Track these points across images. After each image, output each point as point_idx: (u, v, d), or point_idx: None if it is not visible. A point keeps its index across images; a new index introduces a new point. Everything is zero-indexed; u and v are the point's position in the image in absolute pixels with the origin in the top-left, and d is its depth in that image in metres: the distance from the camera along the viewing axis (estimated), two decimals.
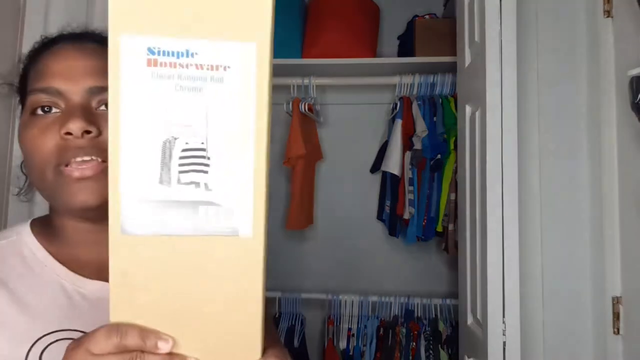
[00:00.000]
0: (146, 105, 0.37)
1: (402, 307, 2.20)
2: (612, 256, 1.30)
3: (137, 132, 0.37)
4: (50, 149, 0.56)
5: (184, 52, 0.37)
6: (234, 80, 0.37)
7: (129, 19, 0.37)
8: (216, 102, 0.38)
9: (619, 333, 1.26)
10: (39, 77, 0.59)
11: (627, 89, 1.13)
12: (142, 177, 0.37)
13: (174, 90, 0.37)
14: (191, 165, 0.38)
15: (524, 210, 1.35)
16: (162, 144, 0.37)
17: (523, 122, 1.37)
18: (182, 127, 0.37)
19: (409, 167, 2.12)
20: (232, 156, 0.38)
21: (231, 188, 0.38)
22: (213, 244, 0.39)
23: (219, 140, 0.38)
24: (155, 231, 0.38)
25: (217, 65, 0.37)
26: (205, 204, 0.38)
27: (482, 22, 1.31)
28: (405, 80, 2.15)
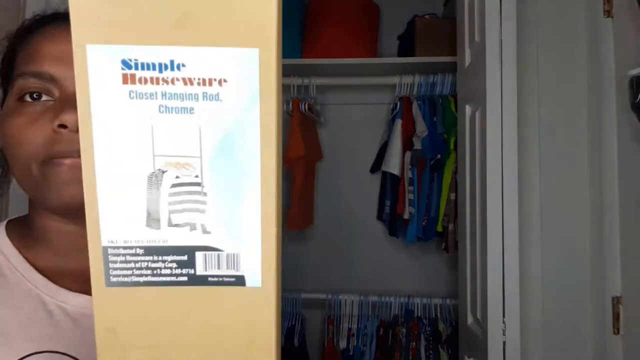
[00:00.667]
0: (124, 132, 0.30)
1: (402, 307, 2.20)
2: (612, 256, 1.30)
3: (115, 165, 0.30)
4: (40, 142, 0.48)
5: (167, 63, 0.29)
6: (233, 97, 0.30)
7: (96, 23, 0.28)
8: (211, 125, 0.30)
9: (619, 333, 1.26)
10: (29, 59, 0.51)
11: (627, 89, 1.13)
12: (125, 219, 0.31)
13: (157, 112, 0.30)
14: (184, 203, 0.31)
15: (524, 210, 1.35)
16: (148, 179, 0.30)
17: (523, 122, 1.37)
18: (170, 157, 0.30)
19: (409, 167, 2.12)
20: (234, 190, 0.31)
21: (234, 229, 0.31)
22: (214, 296, 0.32)
23: (217, 171, 0.30)
24: (145, 282, 0.32)
25: (210, 78, 0.30)
26: (203, 249, 0.32)
27: (482, 22, 1.32)
28: (405, 80, 2.15)
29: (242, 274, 0.32)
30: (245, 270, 0.32)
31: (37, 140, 0.48)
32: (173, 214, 0.31)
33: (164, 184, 0.30)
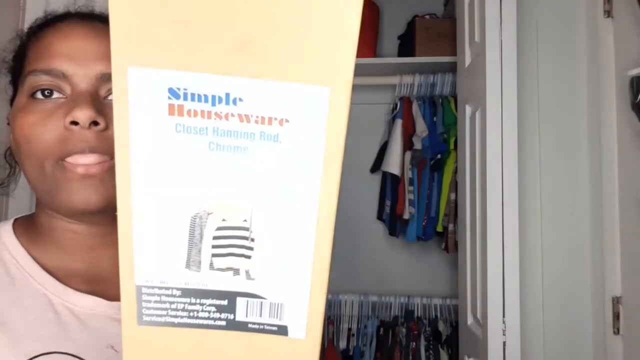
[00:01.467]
0: (168, 167, 0.27)
1: (402, 307, 2.20)
2: (612, 256, 1.30)
3: (156, 204, 0.28)
4: (52, 139, 0.47)
5: (222, 96, 0.25)
6: (295, 139, 0.27)
7: (141, 43, 0.25)
8: (267, 168, 0.27)
9: (619, 333, 1.26)
10: (41, 56, 0.50)
11: (627, 89, 1.13)
12: (163, 259, 0.29)
13: (207, 149, 0.27)
14: (229, 247, 0.29)
15: (524, 210, 1.35)
16: (191, 219, 0.28)
17: (523, 122, 1.37)
18: (218, 199, 0.28)
19: (409, 167, 2.12)
20: (285, 238, 0.29)
21: (281, 278, 0.29)
22: (253, 343, 0.30)
23: (268, 217, 0.28)
24: (180, 323, 0.30)
25: (270, 117, 0.26)
26: (245, 295, 0.30)
27: (482, 22, 1.32)
28: (405, 80, 2.15)
29: (285, 324, 0.30)
30: (289, 320, 0.30)
31: (49, 138, 0.47)
32: (216, 258, 0.29)
33: (209, 226, 0.28)
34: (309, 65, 0.25)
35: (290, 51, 0.25)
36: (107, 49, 0.46)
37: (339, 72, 0.26)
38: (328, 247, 0.30)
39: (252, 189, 0.27)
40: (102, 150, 0.48)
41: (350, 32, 0.25)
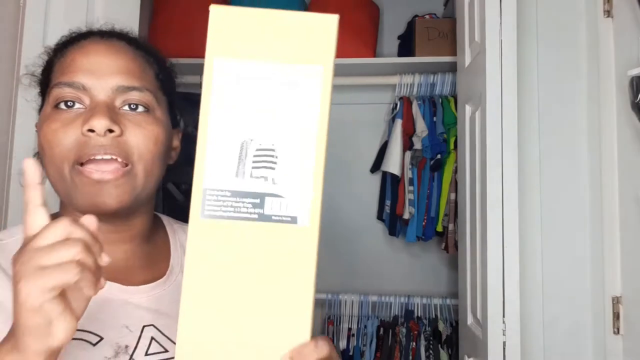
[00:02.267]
0: (230, 113, 0.44)
1: (402, 307, 2.20)
2: (612, 256, 1.30)
3: (221, 135, 0.44)
4: (70, 144, 0.54)
5: (264, 73, 0.44)
6: (303, 96, 0.45)
7: (222, 47, 0.45)
8: (286, 113, 0.44)
9: (619, 333, 1.26)
10: (65, 70, 0.58)
11: (627, 89, 1.13)
12: (222, 170, 0.44)
13: (253, 102, 0.44)
14: (262, 162, 0.44)
15: (524, 210, 1.35)
16: (241, 144, 0.44)
17: (523, 122, 1.37)
18: (256, 131, 0.44)
19: (409, 167, 2.12)
20: (296, 157, 0.44)
21: (293, 183, 0.44)
22: (274, 231, 0.44)
23: (286, 143, 0.44)
24: (229, 216, 0.44)
25: (290, 82, 0.44)
26: (271, 195, 0.44)
27: (482, 22, 1.31)
28: (405, 80, 2.15)
29: (296, 215, 0.45)
30: (298, 212, 0.45)
31: (68, 143, 0.54)
32: (254, 169, 0.44)
33: (251, 148, 0.44)
34: (311, 54, 0.45)
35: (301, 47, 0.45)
36: (122, 65, 0.58)
37: (327, 56, 0.45)
38: (322, 161, 0.45)
39: (278, 125, 0.44)
40: (116, 154, 0.55)
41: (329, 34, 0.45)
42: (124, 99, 0.58)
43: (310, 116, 0.45)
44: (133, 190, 0.57)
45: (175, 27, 2.17)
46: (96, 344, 0.54)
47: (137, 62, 0.61)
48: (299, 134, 0.44)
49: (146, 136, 0.58)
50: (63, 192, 0.57)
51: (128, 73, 0.58)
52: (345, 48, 2.13)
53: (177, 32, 2.17)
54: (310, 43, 0.45)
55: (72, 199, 0.56)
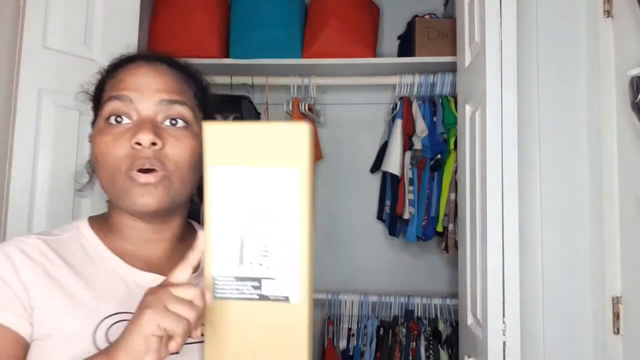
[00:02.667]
0: (228, 213, 0.54)
1: (402, 307, 2.20)
2: (612, 256, 1.30)
3: (222, 231, 0.54)
4: (122, 155, 0.64)
5: (251, 177, 0.53)
6: (285, 195, 0.53)
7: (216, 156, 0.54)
8: (274, 210, 0.53)
9: (619, 333, 1.26)
10: (115, 87, 0.68)
11: (627, 89, 1.13)
12: (226, 260, 0.54)
13: (243, 202, 0.54)
14: (257, 251, 0.54)
15: (524, 210, 1.35)
16: (240, 238, 0.54)
17: (523, 122, 1.37)
18: (251, 226, 0.54)
19: (409, 167, 2.12)
20: (285, 246, 0.54)
21: (284, 268, 0.54)
22: (271, 308, 0.54)
23: (276, 234, 0.54)
24: (237, 297, 0.55)
25: (271, 184, 0.53)
26: (267, 278, 0.54)
27: (482, 22, 1.31)
28: (405, 80, 2.15)
29: (288, 295, 0.54)
30: (289, 292, 0.54)
31: (120, 154, 0.64)
32: (252, 258, 0.54)
33: (248, 240, 0.54)
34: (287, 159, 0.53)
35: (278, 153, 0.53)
36: (165, 83, 0.69)
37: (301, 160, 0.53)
38: (307, 249, 0.53)
39: (269, 223, 0.54)
40: (157, 165, 0.64)
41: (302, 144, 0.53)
42: (166, 114, 0.67)
43: (293, 212, 0.53)
44: (170, 193, 0.66)
45: (175, 27, 2.17)
46: None
47: (177, 81, 0.70)
48: (285, 227, 0.53)
49: (183, 149, 0.67)
50: (114, 195, 0.67)
51: (170, 90, 0.68)
52: (345, 48, 2.13)
53: (177, 32, 2.17)
54: (287, 149, 0.53)
55: (122, 202, 0.66)
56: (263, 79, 2.22)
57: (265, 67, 2.21)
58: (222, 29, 2.22)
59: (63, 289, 0.64)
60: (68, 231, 0.71)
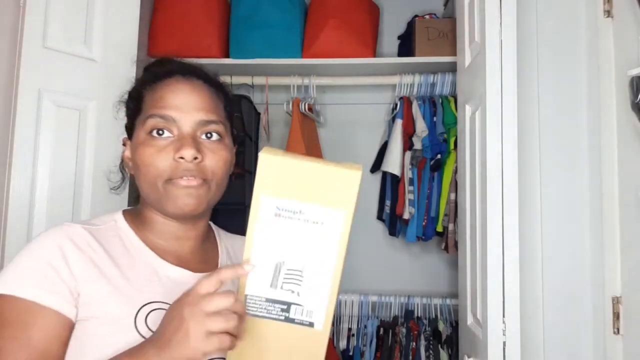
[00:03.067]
0: (272, 240, 0.58)
1: (402, 307, 2.20)
2: (612, 256, 1.30)
3: (261, 256, 0.59)
4: (164, 167, 0.72)
5: (297, 210, 0.58)
6: (327, 232, 0.58)
7: (267, 186, 0.57)
8: (313, 243, 0.58)
9: (619, 333, 1.26)
10: (156, 104, 0.74)
11: (627, 89, 1.13)
12: (260, 282, 0.59)
13: (288, 230, 0.58)
14: (291, 279, 0.59)
15: (523, 210, 1.35)
16: (276, 264, 0.59)
17: (523, 122, 1.37)
18: (289, 255, 0.59)
19: (409, 167, 2.12)
20: (317, 278, 0.59)
21: (313, 298, 0.60)
22: (296, 331, 0.60)
23: (311, 267, 0.59)
24: (265, 316, 0.60)
25: (317, 221, 0.58)
26: (296, 304, 0.60)
27: (482, 22, 1.31)
28: (405, 80, 2.15)
29: (313, 321, 0.61)
30: (315, 319, 0.61)
31: (163, 165, 0.72)
32: (284, 284, 0.59)
33: (284, 268, 0.59)
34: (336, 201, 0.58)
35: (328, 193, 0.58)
36: (203, 102, 0.76)
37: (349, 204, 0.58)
38: (337, 283, 0.60)
39: (306, 252, 0.59)
40: (198, 175, 0.72)
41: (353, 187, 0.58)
42: (203, 130, 0.74)
43: (330, 248, 0.59)
44: (207, 196, 0.74)
45: (175, 27, 2.17)
46: None
47: (212, 98, 0.77)
48: (321, 261, 0.59)
49: (219, 160, 0.75)
50: (154, 199, 0.74)
51: (207, 109, 0.75)
52: (345, 48, 2.13)
53: (177, 32, 2.17)
54: (337, 191, 0.57)
55: (162, 204, 0.74)
56: (263, 79, 2.22)
57: (265, 67, 2.21)
58: (222, 29, 2.21)
59: (106, 277, 0.70)
60: (105, 222, 0.77)
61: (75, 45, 1.39)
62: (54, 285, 0.66)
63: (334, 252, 0.59)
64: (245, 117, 2.23)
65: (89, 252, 0.70)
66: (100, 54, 1.43)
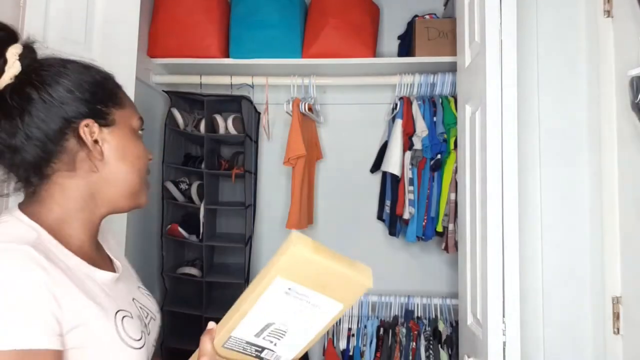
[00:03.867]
0: (271, 309, 0.65)
1: (402, 307, 2.20)
2: (612, 256, 1.30)
3: (258, 314, 0.66)
4: (146, 163, 0.82)
5: (305, 294, 0.65)
6: (318, 315, 0.67)
7: (287, 271, 0.62)
8: (302, 317, 0.67)
9: (619, 333, 1.26)
10: (133, 108, 0.83)
11: (627, 89, 1.13)
12: (250, 330, 0.68)
13: (289, 307, 0.65)
14: (274, 335, 0.68)
15: (524, 210, 1.35)
16: (266, 323, 0.67)
17: (523, 122, 1.37)
18: (281, 321, 0.67)
19: (409, 167, 2.12)
20: (296, 339, 0.69)
21: (287, 349, 0.70)
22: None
23: (295, 331, 0.68)
24: (240, 352, 0.70)
25: (317, 305, 0.66)
26: (269, 350, 0.70)
27: (482, 22, 1.31)
28: (405, 80, 2.15)
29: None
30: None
31: (146, 162, 0.82)
32: (268, 336, 0.69)
33: (272, 327, 0.67)
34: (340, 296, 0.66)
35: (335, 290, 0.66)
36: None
37: (350, 301, 0.67)
38: (309, 347, 0.71)
39: (294, 321, 0.67)
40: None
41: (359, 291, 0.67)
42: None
43: (315, 326, 0.68)
44: None
45: (176, 27, 2.17)
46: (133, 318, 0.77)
47: None
48: (303, 331, 0.68)
49: None
50: (135, 188, 0.79)
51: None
52: (345, 48, 2.13)
53: (177, 32, 2.17)
54: (345, 290, 0.65)
55: (137, 196, 0.80)
56: (263, 79, 2.22)
57: (265, 67, 2.21)
58: (222, 29, 2.21)
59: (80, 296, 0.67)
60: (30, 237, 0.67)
61: (75, 45, 1.39)
62: (43, 322, 0.61)
63: (319, 328, 0.69)
64: (245, 117, 2.23)
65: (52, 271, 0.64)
66: (100, 54, 1.43)
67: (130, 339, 0.71)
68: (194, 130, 2.27)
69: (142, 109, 0.89)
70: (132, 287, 0.84)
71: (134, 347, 0.71)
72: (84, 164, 0.74)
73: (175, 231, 2.24)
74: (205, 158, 2.24)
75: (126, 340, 0.70)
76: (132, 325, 0.73)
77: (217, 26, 2.19)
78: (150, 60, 2.19)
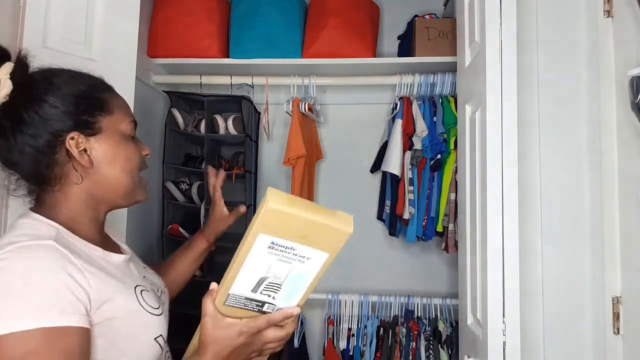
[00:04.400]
0: (261, 264, 0.69)
1: (402, 307, 2.20)
2: (612, 256, 1.30)
3: (251, 270, 0.70)
4: (139, 162, 0.88)
5: (290, 247, 0.68)
6: (308, 266, 0.71)
7: (267, 227, 0.66)
8: (294, 270, 0.71)
9: (619, 333, 1.26)
10: (126, 111, 0.88)
11: (627, 89, 1.13)
12: (244, 287, 0.72)
13: (277, 260, 0.69)
14: (270, 289, 0.73)
15: (523, 210, 1.35)
16: (259, 278, 0.71)
17: (523, 122, 1.37)
18: (273, 274, 0.71)
19: (409, 167, 2.12)
20: (292, 291, 0.75)
21: (285, 301, 0.75)
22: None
23: (288, 284, 0.73)
24: (242, 308, 0.75)
25: (303, 256, 0.69)
26: (269, 304, 0.75)
27: (482, 22, 1.31)
28: (405, 80, 2.15)
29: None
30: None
31: (138, 161, 0.87)
32: (264, 290, 0.73)
33: (266, 281, 0.72)
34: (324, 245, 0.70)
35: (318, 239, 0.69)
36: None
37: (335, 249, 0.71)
38: (306, 297, 0.77)
39: (287, 275, 0.72)
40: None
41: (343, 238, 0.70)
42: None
43: (307, 277, 0.73)
44: None
45: (175, 27, 2.17)
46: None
47: None
48: (297, 283, 0.73)
49: None
50: (129, 188, 0.86)
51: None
52: (345, 48, 2.13)
53: (177, 32, 2.17)
54: (327, 240, 0.68)
55: (133, 194, 0.87)
56: (263, 79, 2.22)
57: (265, 67, 2.21)
58: (222, 29, 2.21)
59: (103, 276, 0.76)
60: (51, 234, 0.75)
61: (75, 45, 1.39)
62: (71, 304, 0.69)
63: (311, 278, 0.73)
64: (245, 117, 2.23)
65: (79, 262, 0.73)
66: (100, 54, 1.43)
67: (151, 308, 0.82)
68: (194, 130, 2.27)
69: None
70: (140, 267, 0.95)
71: (155, 314, 0.82)
72: (76, 173, 0.81)
73: (175, 231, 2.24)
74: (206, 158, 2.24)
75: (147, 309, 0.80)
76: (150, 296, 0.84)
77: (217, 26, 2.19)
78: (150, 60, 2.19)
